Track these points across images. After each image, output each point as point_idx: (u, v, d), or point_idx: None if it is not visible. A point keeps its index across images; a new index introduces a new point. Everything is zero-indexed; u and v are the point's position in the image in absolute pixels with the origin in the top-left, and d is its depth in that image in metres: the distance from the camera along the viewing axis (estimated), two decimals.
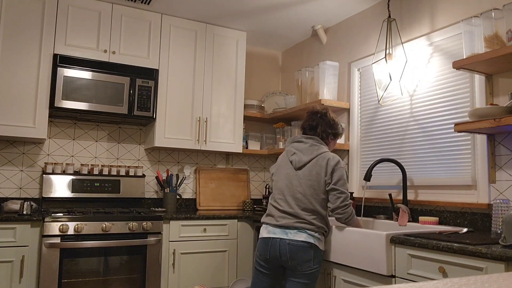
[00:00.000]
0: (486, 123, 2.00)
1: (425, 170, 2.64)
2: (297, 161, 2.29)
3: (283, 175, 2.32)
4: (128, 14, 3.28)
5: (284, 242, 2.16)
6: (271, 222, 2.26)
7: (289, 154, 2.35)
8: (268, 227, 2.27)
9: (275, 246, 2.19)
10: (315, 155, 2.27)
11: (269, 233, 2.24)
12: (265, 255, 2.23)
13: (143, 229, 2.86)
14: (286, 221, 2.20)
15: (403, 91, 2.83)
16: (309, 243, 2.15)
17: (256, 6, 3.29)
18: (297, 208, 2.20)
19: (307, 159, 2.27)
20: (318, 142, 2.34)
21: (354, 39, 3.34)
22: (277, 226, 2.23)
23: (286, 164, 2.35)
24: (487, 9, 2.23)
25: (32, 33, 2.96)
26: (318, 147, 2.31)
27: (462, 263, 1.69)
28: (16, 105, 2.88)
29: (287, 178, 2.30)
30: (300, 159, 2.28)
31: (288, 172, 2.31)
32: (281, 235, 2.18)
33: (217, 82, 3.59)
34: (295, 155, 2.31)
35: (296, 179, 2.26)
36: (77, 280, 2.68)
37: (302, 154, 2.29)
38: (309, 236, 2.16)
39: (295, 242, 2.15)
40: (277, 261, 2.21)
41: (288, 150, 2.38)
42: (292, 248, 2.15)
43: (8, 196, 3.12)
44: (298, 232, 2.16)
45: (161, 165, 3.68)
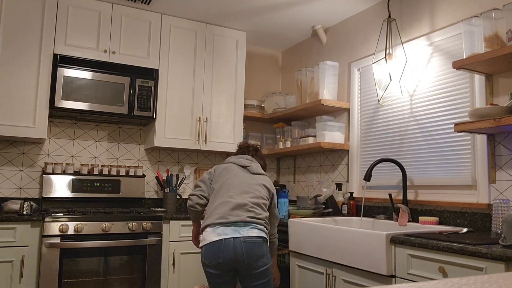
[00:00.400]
0: (486, 123, 2.00)
1: (425, 170, 2.64)
2: (254, 167, 2.42)
3: (235, 176, 2.36)
4: (128, 14, 3.28)
5: (238, 241, 2.09)
6: (219, 221, 2.15)
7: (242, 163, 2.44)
8: (217, 229, 2.14)
9: (229, 246, 2.08)
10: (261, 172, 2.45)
11: (220, 235, 2.11)
12: (216, 259, 2.10)
13: (143, 229, 2.86)
14: (237, 217, 2.15)
15: (403, 91, 2.83)
16: (262, 238, 2.17)
17: (256, 6, 3.29)
18: (253, 204, 2.24)
19: (258, 171, 2.42)
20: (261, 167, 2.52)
21: (354, 39, 3.34)
22: (226, 225, 2.13)
23: (236, 169, 2.41)
24: (487, 9, 2.23)
25: (32, 33, 2.96)
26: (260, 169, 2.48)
27: (462, 263, 1.69)
28: (16, 105, 2.88)
29: (240, 177, 2.35)
30: (256, 167, 2.44)
31: (242, 175, 2.38)
32: (234, 234, 2.11)
33: (217, 82, 3.59)
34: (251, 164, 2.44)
35: (253, 180, 2.35)
36: (77, 280, 2.68)
37: (255, 165, 2.45)
38: (260, 231, 2.18)
39: (249, 238, 2.11)
40: (230, 263, 2.10)
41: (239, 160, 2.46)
42: (248, 245, 2.10)
43: (8, 196, 3.12)
44: (250, 229, 2.15)
45: (161, 165, 3.68)
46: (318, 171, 3.59)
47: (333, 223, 2.79)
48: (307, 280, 2.54)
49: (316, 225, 2.44)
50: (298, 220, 2.62)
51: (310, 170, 3.70)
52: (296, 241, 2.62)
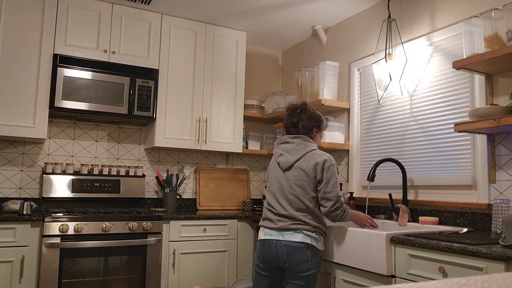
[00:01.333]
0: (486, 123, 2.00)
1: (425, 170, 2.64)
2: (283, 162, 2.26)
3: (273, 179, 2.31)
4: (128, 14, 3.28)
5: (280, 244, 2.15)
6: (268, 225, 2.24)
7: (276, 156, 2.32)
8: (265, 229, 2.26)
9: (272, 247, 2.17)
10: (301, 154, 2.22)
11: (266, 235, 2.23)
12: (263, 256, 2.23)
13: (143, 229, 2.86)
14: (282, 224, 2.18)
15: (403, 91, 2.83)
16: (306, 244, 2.12)
17: (256, 6, 3.29)
18: (291, 210, 2.17)
19: (293, 159, 2.23)
20: (304, 140, 2.28)
21: (354, 39, 3.34)
22: (273, 229, 2.21)
23: (275, 167, 2.33)
24: (487, 9, 2.22)
25: (32, 33, 2.96)
26: (305, 145, 2.26)
27: (462, 263, 1.69)
28: (16, 105, 2.88)
29: (277, 180, 2.28)
30: (286, 160, 2.25)
31: (277, 175, 2.29)
32: (278, 237, 2.17)
33: (217, 82, 3.59)
34: (282, 156, 2.28)
35: (285, 181, 2.23)
36: (77, 280, 2.68)
37: (288, 155, 2.25)
38: (305, 237, 2.13)
39: (291, 243, 2.13)
40: (274, 263, 2.19)
41: (276, 152, 2.34)
42: (289, 249, 2.12)
43: (8, 196, 3.12)
44: (294, 233, 2.14)
45: (161, 165, 3.68)
46: None
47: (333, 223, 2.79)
48: None
49: None
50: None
51: None
52: None
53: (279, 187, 2.25)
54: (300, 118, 2.31)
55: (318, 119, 2.34)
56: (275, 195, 2.26)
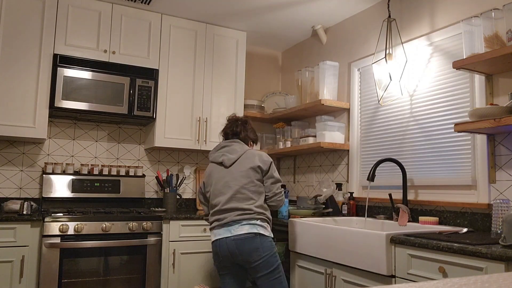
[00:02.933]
0: (486, 123, 2.00)
1: (425, 170, 2.64)
2: (227, 160, 2.41)
3: (216, 180, 2.42)
4: (128, 14, 3.28)
5: (229, 240, 2.25)
6: (216, 225, 2.33)
7: (217, 159, 2.46)
8: (214, 231, 2.35)
9: (223, 245, 2.27)
10: (241, 152, 2.42)
11: (216, 235, 2.32)
12: (217, 256, 2.33)
13: (143, 229, 2.86)
14: (228, 218, 2.28)
15: (403, 91, 2.83)
16: (253, 233, 2.24)
17: (256, 6, 3.29)
18: (236, 201, 2.30)
19: (235, 156, 2.40)
20: (241, 143, 2.49)
21: (354, 39, 3.34)
22: (220, 226, 2.31)
23: (216, 169, 2.45)
24: (487, 9, 2.23)
25: (32, 33, 2.96)
26: (242, 145, 2.47)
27: (462, 263, 1.69)
28: (16, 105, 2.88)
29: (221, 179, 2.39)
30: (229, 158, 2.41)
31: (221, 175, 2.41)
32: (225, 234, 2.27)
33: (217, 82, 3.59)
34: (224, 155, 2.43)
35: (230, 175, 2.37)
36: (77, 280, 2.68)
37: (229, 154, 2.43)
38: (251, 227, 2.25)
39: (238, 236, 2.23)
40: (229, 260, 2.29)
41: (216, 156, 2.49)
42: (238, 243, 2.23)
43: (8, 196, 3.12)
44: (240, 226, 2.25)
45: (161, 165, 3.68)
46: (318, 171, 3.59)
47: (333, 223, 2.79)
48: (307, 280, 2.54)
49: (316, 225, 2.44)
50: (298, 220, 2.63)
51: (310, 170, 3.70)
52: (296, 241, 2.62)
53: (223, 184, 2.37)
54: (241, 129, 2.54)
55: (255, 134, 2.63)
56: (221, 193, 2.36)
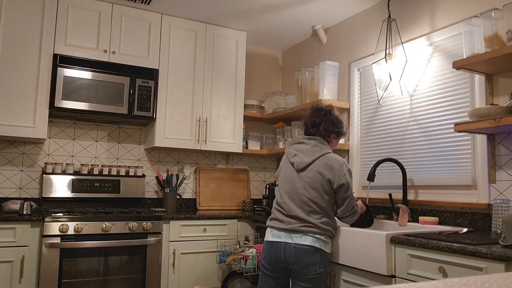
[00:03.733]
0: (486, 123, 2.00)
1: (425, 170, 2.64)
2: (298, 163, 2.20)
3: (285, 178, 2.25)
4: (128, 14, 3.28)
5: (289, 246, 2.11)
6: (277, 225, 2.20)
7: (289, 156, 2.27)
8: (273, 230, 2.21)
9: (280, 249, 2.14)
10: (317, 156, 2.19)
11: (274, 236, 2.18)
12: (270, 257, 2.19)
13: (143, 229, 2.86)
14: (291, 226, 2.14)
15: (403, 91, 2.83)
16: (315, 247, 2.10)
17: (256, 6, 3.29)
18: (302, 212, 2.13)
19: (309, 160, 2.18)
20: (320, 142, 2.25)
21: (354, 39, 3.34)
22: (282, 230, 2.17)
23: (287, 167, 2.27)
24: (487, 9, 2.22)
25: (32, 33, 2.96)
26: (320, 147, 2.22)
27: (462, 263, 1.69)
28: (16, 105, 2.88)
29: (289, 181, 2.22)
30: (302, 161, 2.20)
31: (290, 175, 2.23)
32: (286, 239, 2.13)
33: (217, 82, 3.59)
34: (296, 156, 2.23)
35: (299, 182, 2.18)
36: (77, 280, 2.68)
37: (303, 155, 2.21)
38: (314, 240, 2.10)
39: (300, 246, 2.10)
40: (282, 264, 2.16)
41: (289, 152, 2.30)
42: (298, 252, 2.10)
43: (8, 196, 3.12)
44: (303, 236, 2.11)
45: (161, 165, 3.68)
46: None
47: None
48: None
49: None
50: None
51: None
52: None
53: (292, 188, 2.20)
54: (322, 120, 2.29)
55: (340, 126, 2.33)
56: (287, 195, 2.20)
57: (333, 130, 2.31)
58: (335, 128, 2.31)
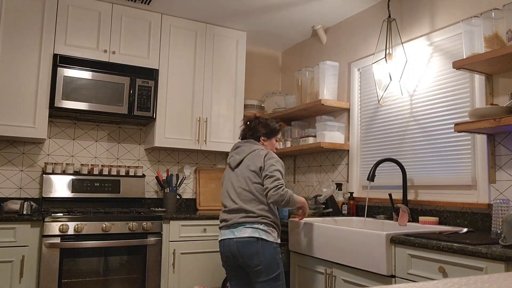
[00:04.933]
0: (486, 123, 2.00)
1: (425, 170, 2.64)
2: (232, 161, 2.43)
3: (225, 181, 2.46)
4: (128, 14, 3.28)
5: (232, 241, 2.26)
6: (223, 225, 2.35)
7: (229, 159, 2.50)
8: (221, 230, 2.37)
9: (226, 246, 2.29)
10: (247, 152, 2.40)
11: (222, 235, 2.34)
12: (222, 257, 2.36)
13: (143, 229, 2.86)
14: (233, 220, 2.28)
15: (403, 91, 2.83)
16: (254, 237, 2.22)
17: (256, 6, 3.29)
18: (240, 202, 2.30)
19: (241, 157, 2.40)
20: (252, 143, 2.47)
21: (354, 39, 3.34)
22: (226, 228, 2.32)
23: (227, 171, 2.49)
24: (487, 9, 2.23)
25: (32, 33, 2.96)
26: (251, 146, 2.44)
27: (462, 263, 1.69)
28: (16, 105, 2.88)
29: (228, 180, 2.43)
30: (235, 159, 2.43)
31: (228, 176, 2.44)
32: (229, 235, 2.28)
33: (217, 82, 3.59)
34: (232, 157, 2.46)
35: (235, 177, 2.38)
36: (77, 280, 2.68)
37: (237, 155, 2.44)
38: (253, 231, 2.23)
39: (240, 239, 2.23)
40: (232, 261, 2.30)
41: (228, 157, 2.52)
42: (239, 245, 2.23)
43: (8, 196, 3.12)
44: (243, 229, 2.25)
45: (161, 165, 3.68)
46: (318, 171, 3.59)
47: (333, 223, 2.79)
48: (307, 280, 2.54)
49: (316, 225, 2.44)
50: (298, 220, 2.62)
51: (310, 170, 3.70)
52: (296, 241, 2.62)
53: (229, 185, 2.39)
54: (248, 130, 2.54)
55: (266, 126, 2.52)
56: (227, 194, 2.39)
57: (260, 133, 2.51)
58: (262, 130, 2.51)
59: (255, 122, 2.54)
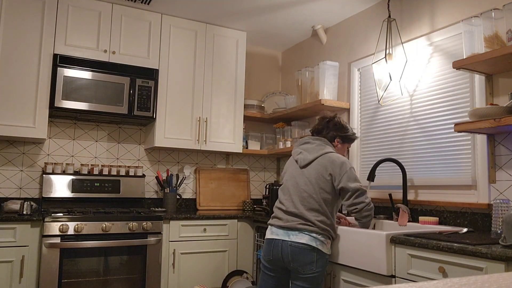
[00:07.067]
0: (486, 123, 2.00)
1: (425, 170, 2.64)
2: (302, 159, 2.28)
3: (289, 176, 2.32)
4: (128, 14, 3.28)
5: (286, 244, 2.15)
6: (276, 223, 2.24)
7: (295, 155, 2.36)
8: (272, 228, 2.26)
9: (278, 247, 2.18)
10: (320, 154, 2.25)
11: (273, 234, 2.23)
12: (268, 256, 2.23)
13: (143, 229, 2.86)
14: (289, 223, 2.17)
15: (403, 91, 2.83)
16: (311, 246, 2.11)
17: (256, 6, 3.29)
18: (302, 208, 2.17)
19: (312, 157, 2.25)
20: (325, 143, 2.34)
21: (354, 39, 3.34)
22: (280, 228, 2.21)
23: (292, 165, 2.35)
24: (487, 9, 2.22)
25: (32, 33, 2.96)
26: (324, 147, 2.30)
27: (462, 263, 1.69)
28: (16, 105, 2.88)
29: (292, 177, 2.28)
30: (305, 157, 2.28)
31: (293, 172, 2.30)
32: (283, 237, 2.17)
33: (217, 82, 3.59)
34: (301, 154, 2.31)
35: (302, 178, 2.24)
36: (77, 280, 2.68)
37: (307, 153, 2.29)
38: (311, 239, 2.12)
39: (296, 244, 2.12)
40: (280, 262, 2.19)
41: (295, 151, 2.39)
42: (294, 250, 2.12)
43: (8, 196, 3.12)
44: (300, 234, 2.13)
45: (161, 165, 3.68)
46: None
47: None
48: None
49: None
50: None
51: None
52: None
53: (294, 184, 2.25)
54: (324, 126, 2.39)
55: (343, 130, 2.39)
56: (288, 192, 2.26)
57: (337, 134, 2.38)
58: (339, 132, 2.38)
59: (335, 121, 2.39)
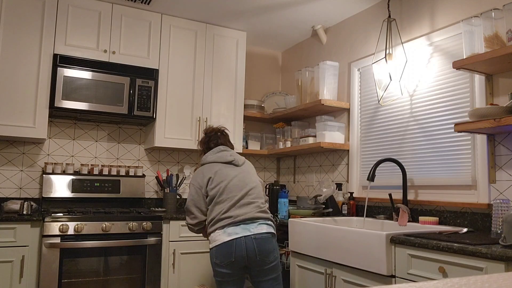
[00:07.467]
0: (486, 123, 2.00)
1: (425, 170, 2.64)
2: (238, 159, 2.40)
3: (227, 176, 2.30)
4: (128, 14, 3.28)
5: (249, 238, 2.14)
6: (228, 222, 2.17)
7: (226, 158, 2.37)
8: (227, 229, 2.16)
9: (241, 245, 2.12)
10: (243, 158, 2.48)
11: (230, 235, 2.14)
12: (229, 258, 2.13)
13: (143, 229, 2.86)
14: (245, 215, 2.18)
15: (403, 91, 2.83)
16: (271, 233, 2.23)
17: (256, 6, 3.29)
18: (254, 196, 2.29)
19: (242, 158, 2.43)
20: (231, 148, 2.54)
21: (354, 39, 3.34)
22: (235, 224, 2.16)
23: (223, 169, 2.33)
24: (487, 9, 2.23)
25: (32, 33, 2.96)
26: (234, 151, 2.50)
27: (462, 263, 1.69)
28: (16, 105, 2.88)
29: (236, 175, 2.32)
30: (239, 157, 2.42)
31: (231, 172, 2.33)
32: (244, 233, 2.14)
33: (217, 82, 3.59)
34: (231, 156, 2.40)
35: (244, 173, 2.36)
36: (77, 280, 2.68)
37: (236, 156, 2.42)
38: (269, 227, 2.24)
39: (259, 235, 2.17)
40: (242, 262, 2.14)
41: (220, 156, 2.39)
42: (259, 242, 2.16)
43: (8, 196, 3.12)
44: (259, 225, 2.21)
45: (161, 165, 3.68)
46: (318, 171, 3.59)
47: (333, 223, 2.79)
48: (307, 280, 2.54)
49: (316, 225, 2.44)
50: (298, 220, 2.62)
51: (310, 170, 3.70)
52: (296, 241, 2.62)
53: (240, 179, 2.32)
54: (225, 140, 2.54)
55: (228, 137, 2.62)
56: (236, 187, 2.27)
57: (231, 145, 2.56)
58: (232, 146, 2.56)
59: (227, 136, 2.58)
